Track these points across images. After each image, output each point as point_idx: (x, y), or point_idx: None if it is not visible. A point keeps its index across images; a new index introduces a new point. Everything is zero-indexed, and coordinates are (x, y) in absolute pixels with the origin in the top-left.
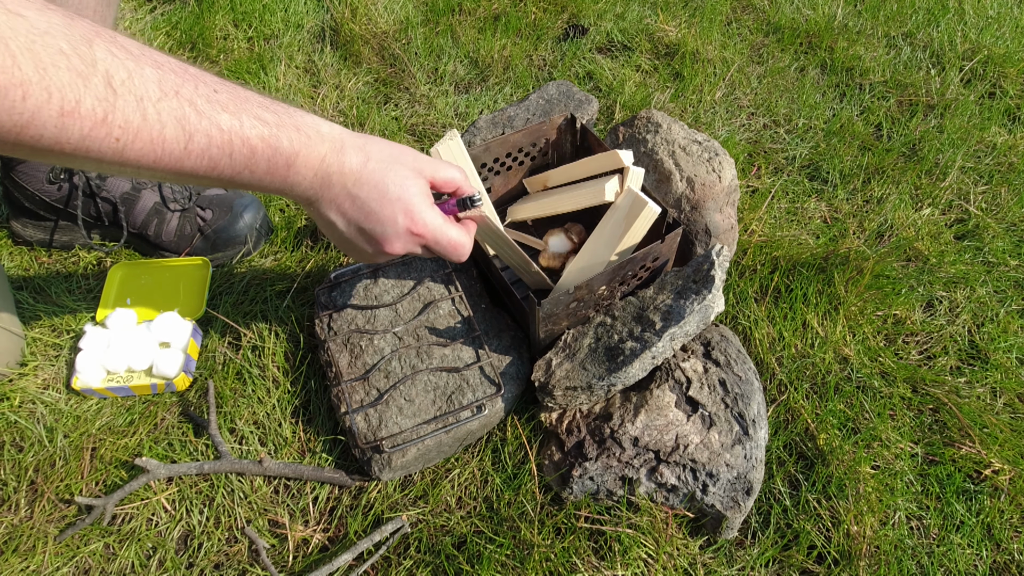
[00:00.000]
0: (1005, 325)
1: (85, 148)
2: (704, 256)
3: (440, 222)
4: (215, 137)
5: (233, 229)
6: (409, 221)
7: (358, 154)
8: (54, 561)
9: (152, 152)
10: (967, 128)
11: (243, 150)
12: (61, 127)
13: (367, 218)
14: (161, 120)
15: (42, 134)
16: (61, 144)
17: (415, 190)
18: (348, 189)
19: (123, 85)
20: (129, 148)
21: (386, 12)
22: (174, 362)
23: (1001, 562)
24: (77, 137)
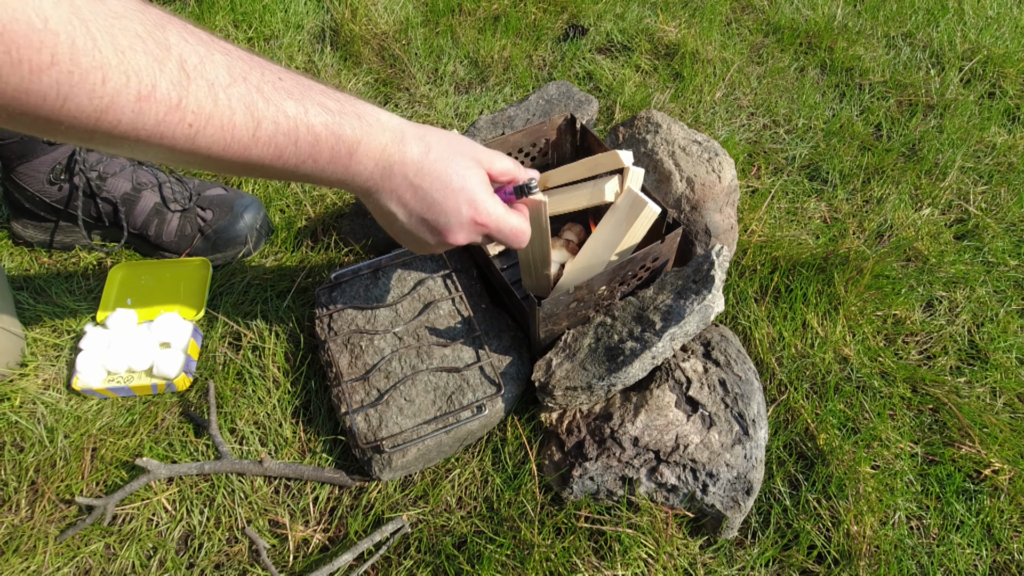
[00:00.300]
0: (1005, 325)
1: (159, 134)
2: (704, 256)
3: (503, 211)
4: (281, 124)
5: (233, 229)
6: (473, 211)
7: (419, 144)
8: (55, 561)
9: (222, 139)
10: (967, 128)
11: (308, 138)
12: (138, 112)
13: (430, 209)
14: (231, 106)
15: (120, 119)
16: (137, 130)
17: (477, 180)
18: (410, 180)
19: (195, 70)
20: (201, 134)
21: (386, 12)
22: (174, 362)
23: (1001, 562)
24: (152, 123)
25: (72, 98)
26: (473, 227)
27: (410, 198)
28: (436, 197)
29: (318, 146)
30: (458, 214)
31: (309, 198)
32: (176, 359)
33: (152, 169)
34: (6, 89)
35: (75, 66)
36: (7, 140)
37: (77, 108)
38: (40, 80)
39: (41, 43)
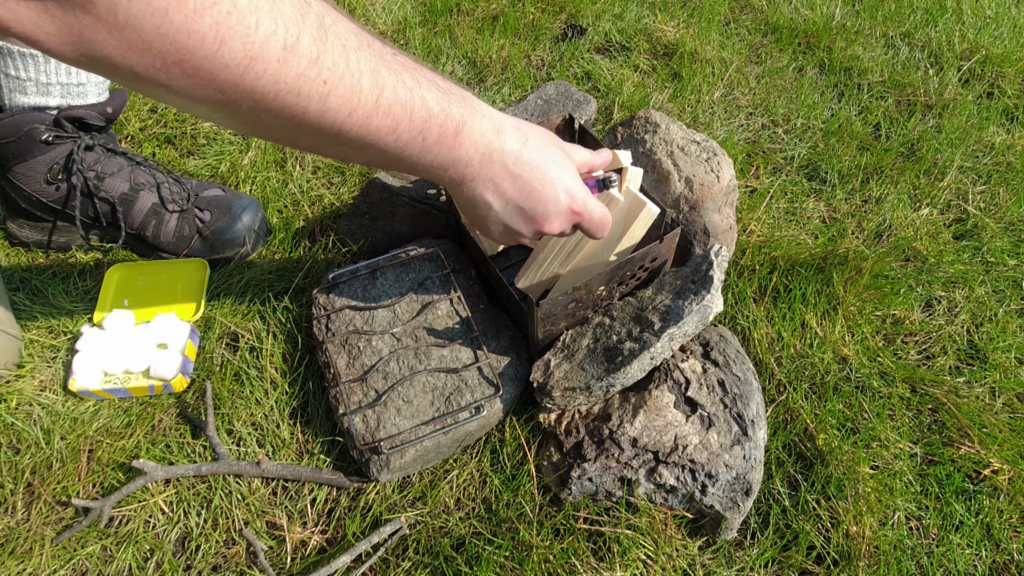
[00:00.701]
0: (1004, 325)
1: (297, 90)
2: (703, 256)
3: (593, 199)
4: (401, 94)
5: (231, 231)
6: (570, 199)
7: (516, 134)
8: (51, 563)
9: (349, 102)
10: (965, 128)
11: (422, 112)
12: (283, 62)
13: (528, 198)
14: (360, 69)
15: (266, 69)
16: (278, 83)
17: (571, 170)
18: (509, 168)
19: (331, 29)
20: (333, 94)
21: (384, 12)
22: (171, 364)
23: (1000, 562)
24: (294, 76)
25: (227, 41)
26: (569, 215)
27: (508, 187)
28: (535, 186)
29: (429, 122)
30: (556, 203)
31: (307, 199)
32: (173, 360)
33: (150, 169)
34: (169, 30)
35: (233, 6)
36: (4, 139)
37: (230, 53)
38: (202, 19)
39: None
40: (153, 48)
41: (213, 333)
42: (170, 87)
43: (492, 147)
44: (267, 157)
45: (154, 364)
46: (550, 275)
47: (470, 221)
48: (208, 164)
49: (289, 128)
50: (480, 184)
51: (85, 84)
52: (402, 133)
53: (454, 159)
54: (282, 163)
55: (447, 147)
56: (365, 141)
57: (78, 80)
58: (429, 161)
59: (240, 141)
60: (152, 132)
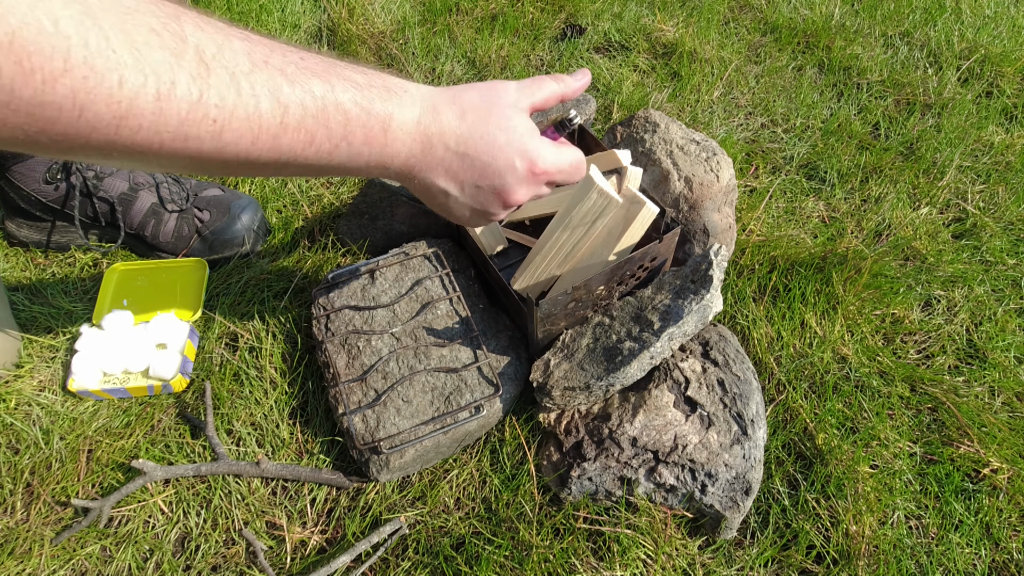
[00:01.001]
0: (1003, 324)
1: (184, 135)
2: (702, 256)
3: (556, 152)
4: (309, 106)
5: (231, 230)
6: (528, 163)
7: (452, 109)
8: (50, 564)
9: (249, 131)
10: (964, 127)
11: (338, 117)
12: (159, 112)
13: (483, 175)
14: (255, 93)
15: (140, 124)
16: (160, 134)
17: (522, 128)
18: (453, 150)
19: (215, 59)
20: (227, 129)
21: (383, 12)
22: (171, 364)
23: (1000, 561)
24: (175, 123)
25: (89, 106)
26: (532, 179)
27: (459, 168)
28: (485, 160)
29: (350, 126)
30: (513, 171)
31: (306, 198)
32: (172, 360)
33: None
34: (20, 105)
35: (90, 70)
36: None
37: (95, 117)
38: (55, 90)
39: (53, 48)
40: (10, 123)
41: (212, 333)
42: (47, 150)
43: (429, 132)
44: None
45: (153, 364)
46: (548, 276)
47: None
48: None
49: (192, 166)
50: (429, 173)
51: None
52: (321, 144)
53: (391, 155)
54: None
55: (379, 145)
56: (282, 161)
57: None
58: (364, 163)
59: None
60: None
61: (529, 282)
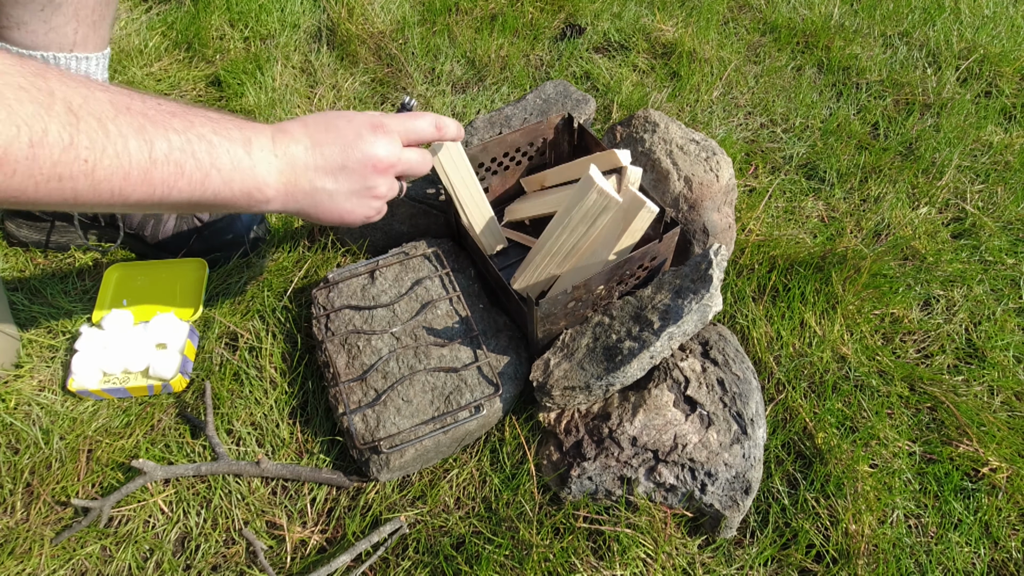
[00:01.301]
0: (1002, 323)
1: (58, 175)
2: (702, 255)
3: (403, 117)
4: (174, 139)
5: (230, 230)
6: (375, 124)
7: (295, 124)
8: (50, 564)
9: (120, 167)
10: (963, 127)
11: (202, 145)
12: (32, 158)
13: (344, 153)
14: (122, 133)
15: (15, 169)
16: (34, 176)
17: (363, 114)
18: (311, 155)
19: (81, 108)
20: (99, 166)
21: (383, 12)
22: (171, 363)
23: (999, 560)
24: (49, 165)
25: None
26: (386, 137)
27: (322, 163)
28: (339, 143)
29: (215, 152)
30: (364, 136)
31: None
32: (172, 360)
33: None
34: None
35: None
36: None
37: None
38: None
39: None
40: None
41: (212, 333)
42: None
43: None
44: None
45: (153, 364)
46: (547, 275)
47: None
48: None
49: (70, 204)
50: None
51: None
52: (192, 174)
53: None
54: None
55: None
56: (157, 195)
57: None
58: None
59: None
60: None
61: (529, 282)
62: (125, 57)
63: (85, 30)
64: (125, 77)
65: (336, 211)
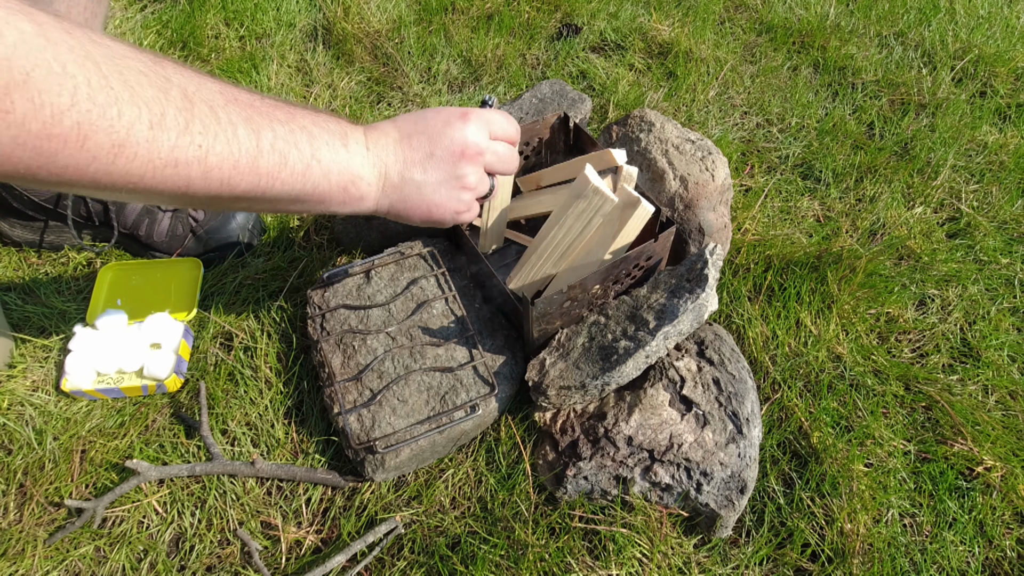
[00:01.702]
0: (996, 323)
1: (174, 160)
2: (698, 255)
3: (489, 111)
4: (278, 130)
5: (225, 230)
6: (463, 113)
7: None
8: (43, 564)
9: (231, 154)
10: (958, 127)
11: (303, 136)
12: (152, 141)
13: (431, 142)
14: (232, 121)
15: (136, 152)
16: (153, 160)
17: (452, 108)
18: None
19: (195, 95)
20: (211, 152)
21: (379, 11)
22: (165, 363)
23: (993, 559)
24: (167, 149)
25: (92, 136)
26: (475, 124)
27: (410, 153)
28: (425, 129)
29: (315, 143)
30: (449, 124)
31: None
32: (167, 360)
33: None
34: (28, 139)
35: (93, 103)
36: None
37: (96, 147)
38: (62, 123)
39: (61, 86)
40: (14, 157)
41: (207, 332)
42: (43, 183)
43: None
44: None
45: (148, 364)
46: (543, 275)
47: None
48: None
49: (180, 195)
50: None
51: None
52: (295, 165)
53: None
54: None
55: (343, 160)
56: (263, 185)
57: None
58: (336, 183)
59: None
60: None
61: (525, 281)
62: None
63: None
64: None
65: (424, 204)
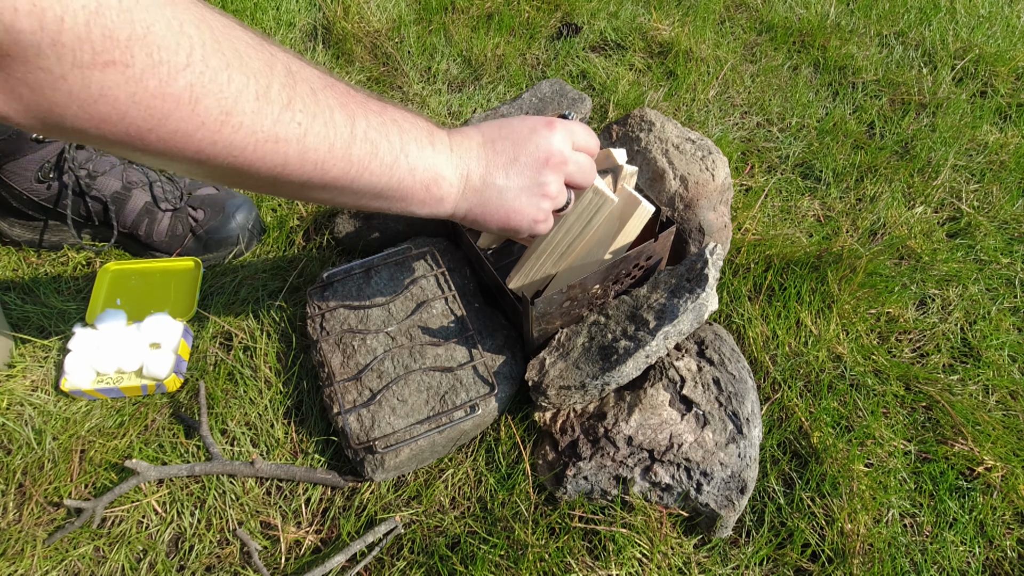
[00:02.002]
0: (997, 323)
1: (275, 135)
2: (698, 255)
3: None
4: (372, 120)
5: (225, 229)
6: (548, 121)
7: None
8: (43, 564)
9: (327, 136)
10: (959, 127)
11: (394, 129)
12: (257, 112)
13: (516, 147)
14: (329, 104)
15: (242, 121)
16: (256, 133)
17: (536, 117)
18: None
19: (298, 73)
20: (310, 132)
21: (379, 10)
22: (164, 363)
23: (994, 559)
24: (270, 122)
25: (202, 100)
26: (561, 132)
27: (494, 156)
28: (513, 138)
29: (404, 137)
30: (535, 131)
31: None
32: (166, 360)
33: (142, 168)
34: (143, 96)
35: (206, 66)
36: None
37: (205, 111)
38: (176, 82)
39: (179, 44)
40: (128, 117)
41: (207, 332)
42: (147, 150)
43: (461, 138)
44: None
45: (147, 363)
46: (543, 275)
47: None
48: None
49: (277, 174)
50: (479, 170)
51: None
52: (384, 157)
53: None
54: None
55: (428, 156)
56: (353, 173)
57: None
58: (421, 179)
59: None
60: None
61: (524, 281)
62: None
63: None
64: None
65: (503, 210)
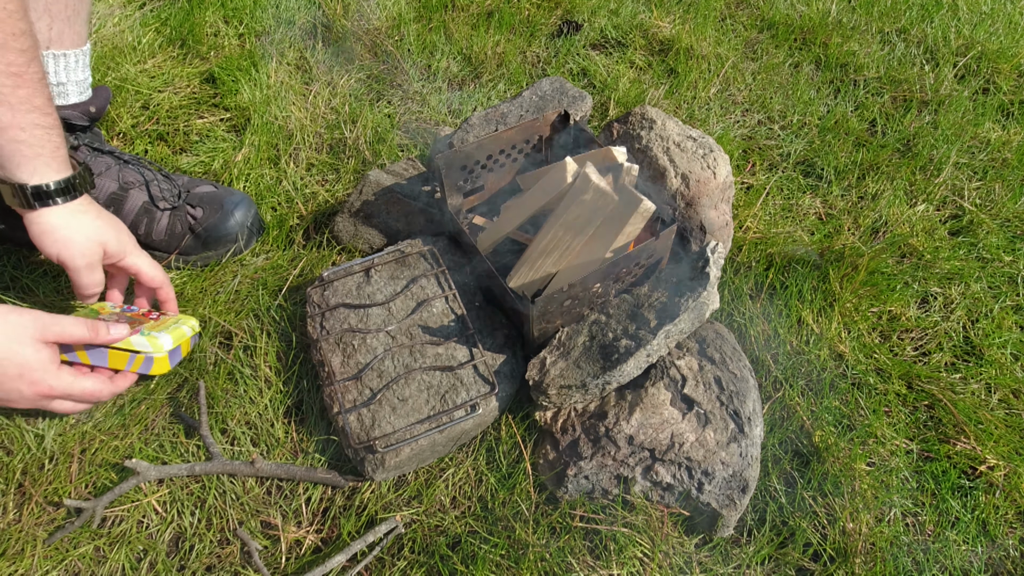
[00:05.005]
0: (999, 321)
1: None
2: (699, 253)
3: (69, 380)
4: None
5: (224, 227)
6: (35, 388)
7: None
8: (43, 564)
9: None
10: (961, 124)
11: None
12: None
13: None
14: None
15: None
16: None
17: (35, 362)
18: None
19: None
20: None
21: (378, 8)
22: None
23: (996, 558)
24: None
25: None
26: (42, 399)
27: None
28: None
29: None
30: (20, 394)
31: (301, 196)
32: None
33: (138, 167)
34: None
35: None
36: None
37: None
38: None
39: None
40: None
41: (207, 331)
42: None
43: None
44: (260, 154)
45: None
46: (543, 274)
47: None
48: (201, 161)
49: None
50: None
51: (65, 84)
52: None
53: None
54: (276, 160)
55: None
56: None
57: (57, 80)
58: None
59: (234, 138)
60: (144, 129)
61: (525, 280)
62: (119, 54)
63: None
64: (118, 74)
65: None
